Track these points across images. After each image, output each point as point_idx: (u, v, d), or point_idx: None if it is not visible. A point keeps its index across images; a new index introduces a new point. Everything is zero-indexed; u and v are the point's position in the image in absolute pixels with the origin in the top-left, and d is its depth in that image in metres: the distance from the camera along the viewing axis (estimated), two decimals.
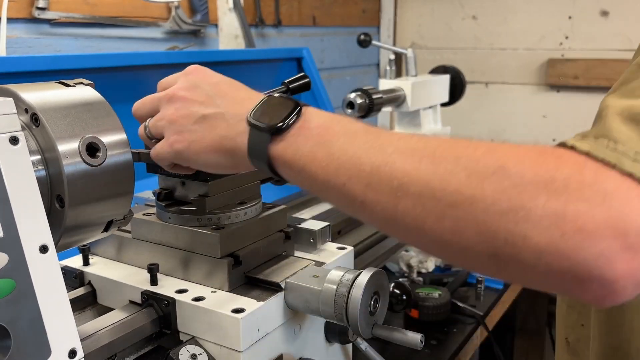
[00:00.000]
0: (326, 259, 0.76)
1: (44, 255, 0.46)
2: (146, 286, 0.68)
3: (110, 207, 0.55)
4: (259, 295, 0.66)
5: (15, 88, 0.51)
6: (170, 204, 0.73)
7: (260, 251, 0.72)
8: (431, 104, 1.61)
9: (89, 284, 0.75)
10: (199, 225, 0.70)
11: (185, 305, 0.65)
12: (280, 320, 0.67)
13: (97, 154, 0.52)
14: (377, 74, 2.72)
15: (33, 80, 0.57)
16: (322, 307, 0.65)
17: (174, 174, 0.72)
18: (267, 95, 0.57)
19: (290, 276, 0.68)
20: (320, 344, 0.75)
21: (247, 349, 0.62)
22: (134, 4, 1.51)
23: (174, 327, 0.66)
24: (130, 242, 0.75)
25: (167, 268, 0.71)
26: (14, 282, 0.44)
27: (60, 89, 0.55)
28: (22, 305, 0.44)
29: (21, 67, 1.12)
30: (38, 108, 0.50)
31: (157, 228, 0.72)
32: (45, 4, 1.32)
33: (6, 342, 0.43)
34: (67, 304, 0.47)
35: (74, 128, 0.51)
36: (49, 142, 0.50)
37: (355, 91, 1.36)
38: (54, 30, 1.38)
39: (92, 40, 1.45)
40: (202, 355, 0.62)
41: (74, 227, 0.52)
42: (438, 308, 1.15)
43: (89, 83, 0.57)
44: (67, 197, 0.50)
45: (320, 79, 1.92)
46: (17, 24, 1.31)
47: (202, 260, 0.69)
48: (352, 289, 0.64)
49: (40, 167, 0.50)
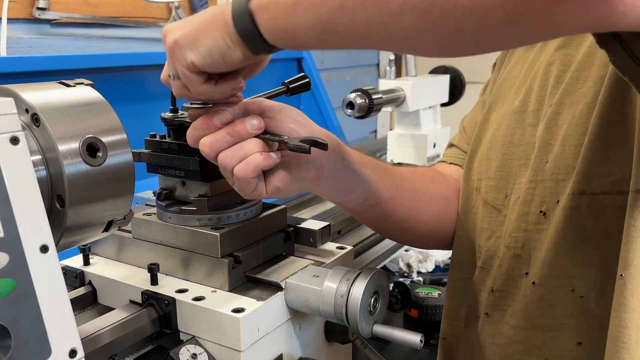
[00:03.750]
0: (326, 259, 0.76)
1: (44, 255, 0.46)
2: (146, 286, 0.69)
3: (111, 207, 0.55)
4: (259, 295, 0.66)
5: (15, 88, 0.51)
6: (171, 203, 0.73)
7: (260, 251, 0.72)
8: (431, 104, 1.61)
9: (90, 283, 0.75)
10: (199, 225, 0.70)
11: (186, 304, 0.65)
12: (280, 320, 0.67)
13: (98, 154, 0.52)
14: (377, 74, 2.72)
15: (33, 81, 0.57)
16: (322, 307, 0.65)
17: (174, 174, 0.72)
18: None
19: (290, 276, 0.69)
20: (320, 344, 0.75)
21: (247, 349, 0.62)
22: (134, 5, 1.51)
23: (174, 327, 0.66)
24: (130, 242, 0.75)
25: (167, 268, 0.71)
26: (15, 281, 0.44)
27: (61, 89, 0.55)
28: (22, 305, 0.44)
29: (21, 68, 1.12)
30: (38, 108, 0.50)
31: (158, 228, 0.73)
32: (46, 4, 1.32)
33: (6, 341, 0.43)
34: (68, 303, 0.47)
35: (75, 128, 0.51)
36: (49, 142, 0.50)
37: (355, 91, 1.36)
38: (54, 31, 1.38)
39: (93, 40, 1.45)
40: (203, 355, 0.62)
41: (74, 227, 0.52)
42: (438, 308, 1.15)
43: (90, 83, 0.57)
44: (67, 197, 0.50)
45: (320, 79, 1.92)
46: (18, 24, 1.31)
47: (203, 260, 0.69)
48: (352, 289, 0.64)
49: (40, 167, 0.50)
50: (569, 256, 0.65)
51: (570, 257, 0.65)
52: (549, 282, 0.67)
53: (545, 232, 0.68)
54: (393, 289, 1.14)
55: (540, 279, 0.67)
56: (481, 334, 0.77)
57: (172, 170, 0.72)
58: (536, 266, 0.68)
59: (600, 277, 0.63)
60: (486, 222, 0.78)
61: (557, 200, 0.67)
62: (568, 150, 0.66)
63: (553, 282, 0.67)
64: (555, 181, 0.67)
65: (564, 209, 0.65)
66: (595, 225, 0.63)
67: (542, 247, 0.68)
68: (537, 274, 0.68)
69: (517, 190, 0.73)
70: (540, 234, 0.68)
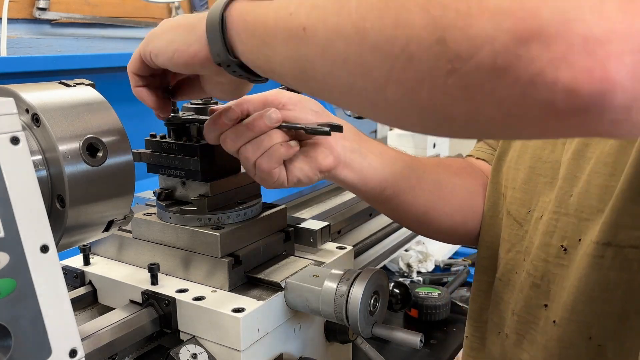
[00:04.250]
0: (326, 258, 0.76)
1: (44, 255, 0.46)
2: (147, 286, 0.69)
3: (111, 207, 0.55)
4: (259, 294, 0.66)
5: (15, 88, 0.52)
6: (171, 203, 0.73)
7: (260, 251, 0.72)
8: None
9: (90, 283, 0.75)
10: (199, 225, 0.70)
11: (186, 304, 0.65)
12: (280, 320, 0.67)
13: (98, 154, 0.52)
14: None
15: (34, 81, 0.57)
16: (322, 307, 0.65)
17: (174, 174, 0.72)
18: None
19: (290, 276, 0.69)
20: (320, 344, 0.75)
21: (247, 349, 0.62)
22: (134, 5, 1.52)
23: (175, 327, 0.66)
24: (130, 242, 0.75)
25: (167, 268, 0.71)
26: (15, 281, 0.44)
27: (61, 89, 0.55)
28: (22, 304, 0.44)
29: (22, 68, 1.12)
30: (39, 108, 0.50)
31: (158, 228, 0.73)
32: (46, 4, 1.32)
33: (7, 341, 0.43)
34: (68, 303, 0.47)
35: (75, 128, 0.51)
36: (49, 142, 0.50)
37: None
38: (54, 31, 1.38)
39: (93, 40, 1.45)
40: (203, 355, 0.62)
41: (74, 226, 0.52)
42: (438, 308, 1.15)
43: (90, 83, 0.57)
44: (67, 197, 0.50)
45: None
46: (18, 24, 1.31)
47: (203, 260, 0.69)
48: (352, 289, 0.64)
49: (41, 167, 0.50)
50: (589, 304, 0.63)
51: (590, 305, 0.63)
52: (567, 325, 0.65)
53: (565, 268, 0.66)
54: (393, 289, 1.14)
55: (561, 320, 0.66)
56: (501, 350, 0.76)
57: (172, 170, 0.72)
58: (557, 305, 0.67)
59: (621, 329, 0.61)
60: (507, 233, 0.76)
61: (579, 238, 0.65)
62: (593, 190, 0.63)
63: (571, 327, 0.65)
64: (579, 218, 0.65)
65: (588, 257, 0.63)
66: (619, 278, 0.61)
67: (561, 285, 0.66)
68: (558, 315, 0.66)
69: (539, 208, 0.71)
70: (560, 269, 0.67)
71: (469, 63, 0.35)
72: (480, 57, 0.34)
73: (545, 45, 0.32)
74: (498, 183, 0.80)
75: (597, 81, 0.32)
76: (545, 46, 0.32)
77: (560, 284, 0.67)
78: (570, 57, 0.32)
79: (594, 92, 0.32)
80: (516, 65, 0.33)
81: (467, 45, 0.34)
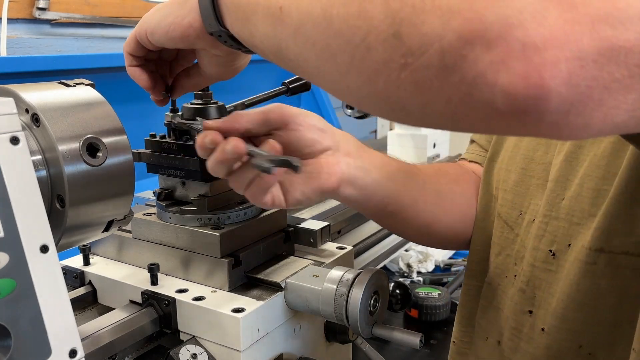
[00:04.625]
0: (326, 258, 0.76)
1: (44, 255, 0.46)
2: (146, 286, 0.69)
3: (111, 207, 0.55)
4: (259, 295, 0.66)
5: (15, 88, 0.52)
6: (171, 203, 0.73)
7: (260, 251, 0.72)
8: None
9: (90, 283, 0.75)
10: (199, 225, 0.70)
11: (186, 304, 0.65)
12: (280, 320, 0.67)
13: (98, 154, 0.52)
14: None
15: (34, 81, 0.57)
16: (322, 307, 0.65)
17: (174, 174, 0.72)
18: None
19: (290, 276, 0.69)
20: (320, 344, 0.75)
21: (247, 349, 0.62)
22: (134, 5, 1.51)
23: (174, 327, 0.66)
24: (130, 242, 0.75)
25: (167, 268, 0.71)
26: (15, 281, 0.44)
27: (61, 89, 0.55)
28: (22, 305, 0.44)
29: (22, 68, 1.13)
30: (38, 108, 0.50)
31: (158, 228, 0.73)
32: (46, 4, 1.32)
33: (6, 341, 0.43)
34: (68, 303, 0.47)
35: (75, 128, 0.52)
36: (49, 142, 0.50)
37: None
38: (54, 31, 1.38)
39: (93, 40, 1.45)
40: (203, 355, 0.62)
41: (74, 227, 0.52)
42: (438, 308, 1.15)
43: (90, 83, 0.57)
44: (67, 197, 0.50)
45: None
46: (18, 24, 1.31)
47: (203, 260, 0.69)
48: (352, 289, 0.64)
49: (40, 167, 0.50)
50: (580, 311, 0.61)
51: (580, 312, 0.61)
52: (556, 333, 0.64)
53: (553, 274, 0.65)
54: (393, 289, 1.14)
55: (550, 327, 0.64)
56: (489, 357, 0.75)
57: (172, 170, 0.72)
58: (545, 312, 0.65)
59: (612, 338, 0.60)
60: (497, 236, 0.75)
61: (568, 243, 0.63)
62: (585, 194, 0.62)
63: (560, 335, 0.63)
64: (569, 222, 0.63)
65: (579, 263, 0.61)
66: (611, 285, 0.59)
67: (549, 291, 0.65)
68: (547, 322, 0.65)
69: (531, 211, 0.70)
70: (547, 274, 0.65)
71: (419, 59, 0.35)
72: (430, 55, 0.35)
73: (487, 48, 0.33)
74: (489, 185, 0.79)
75: (532, 86, 0.32)
76: (487, 49, 0.33)
77: (547, 290, 0.65)
78: (508, 61, 0.32)
79: (530, 97, 0.33)
80: (461, 65, 0.34)
81: (419, 42, 0.35)
